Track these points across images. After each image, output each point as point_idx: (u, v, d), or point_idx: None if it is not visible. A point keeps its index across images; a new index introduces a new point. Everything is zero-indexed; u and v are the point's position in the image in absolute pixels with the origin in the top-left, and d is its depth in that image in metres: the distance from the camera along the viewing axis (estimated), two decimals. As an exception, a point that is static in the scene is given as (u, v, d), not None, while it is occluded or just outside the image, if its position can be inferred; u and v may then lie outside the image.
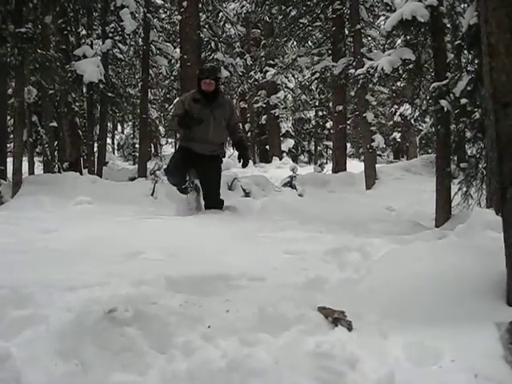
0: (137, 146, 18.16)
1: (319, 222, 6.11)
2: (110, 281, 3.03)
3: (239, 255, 4.07)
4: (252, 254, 4.12)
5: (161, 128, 26.40)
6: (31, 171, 13.34)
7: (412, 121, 15.94)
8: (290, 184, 9.79)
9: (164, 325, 2.44)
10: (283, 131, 23.74)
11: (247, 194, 8.76)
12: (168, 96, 23.29)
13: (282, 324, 2.39)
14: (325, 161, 23.05)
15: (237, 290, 3.16)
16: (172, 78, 20.61)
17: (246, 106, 23.21)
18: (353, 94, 14.56)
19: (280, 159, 20.96)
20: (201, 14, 13.42)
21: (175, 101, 7.73)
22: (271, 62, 20.73)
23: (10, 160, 11.09)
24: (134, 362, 2.25)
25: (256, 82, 21.22)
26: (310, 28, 15.75)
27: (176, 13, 12.92)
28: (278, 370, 1.97)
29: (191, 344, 2.33)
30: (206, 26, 14.54)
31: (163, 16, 17.50)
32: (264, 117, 21.92)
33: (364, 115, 12.28)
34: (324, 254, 4.00)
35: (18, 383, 2.09)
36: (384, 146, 18.78)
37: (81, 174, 11.99)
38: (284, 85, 21.80)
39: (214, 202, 6.59)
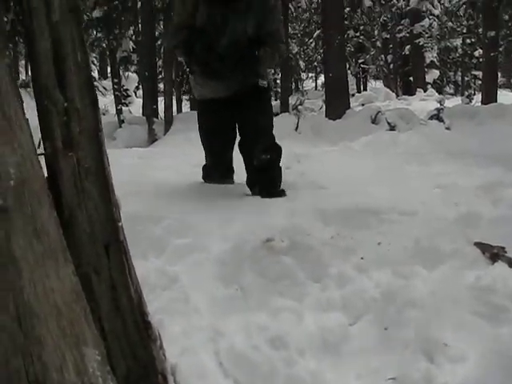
0: (278, 81, 18.24)
1: (468, 156, 5.85)
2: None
3: (387, 188, 4.04)
4: (400, 187, 4.07)
5: (301, 63, 26.29)
6: (179, 109, 13.94)
7: None
8: (436, 117, 9.41)
9: (318, 255, 2.52)
10: (428, 61, 22.63)
11: (392, 128, 8.56)
12: (307, 30, 23.02)
13: (437, 257, 2.38)
14: (472, 92, 21.78)
15: (387, 224, 3.15)
16: (312, 10, 20.28)
17: (388, 36, 22.36)
18: (507, 17, 13.50)
19: (424, 91, 20.10)
20: None
21: None
22: (415, -13, 19.67)
23: (160, 99, 11.69)
24: (290, 289, 2.36)
25: (398, 10, 20.30)
26: None
27: None
28: (436, 302, 1.98)
29: (344, 274, 2.40)
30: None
31: None
32: (407, 47, 20.99)
33: (519, 41, 11.37)
34: (476, 189, 3.86)
35: (187, 303, 2.28)
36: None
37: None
38: (429, 12, 20.62)
39: (263, 152, 3.86)
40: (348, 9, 18.77)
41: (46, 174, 1.53)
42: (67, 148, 1.53)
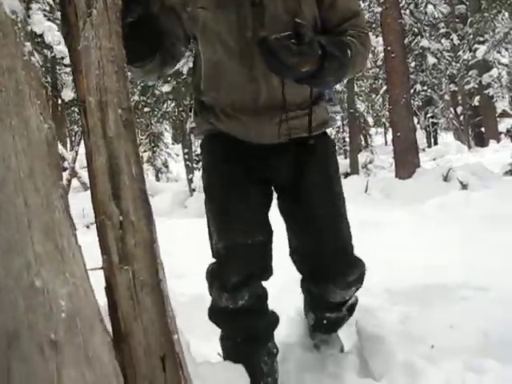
0: (346, 139, 18.28)
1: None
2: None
3: (460, 260, 3.91)
4: (474, 259, 3.92)
5: (369, 119, 26.31)
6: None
7: None
8: (511, 172, 9.12)
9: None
10: (499, 111, 22.20)
11: (464, 187, 8.33)
12: (374, 86, 23.10)
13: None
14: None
15: (459, 303, 3.04)
16: (376, 67, 20.41)
17: (456, 88, 22.12)
18: None
19: (498, 141, 19.63)
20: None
21: None
22: (480, 38, 19.48)
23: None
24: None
25: (465, 62, 20.10)
26: (524, -4, 14.50)
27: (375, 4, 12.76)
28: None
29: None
30: (407, 12, 14.12)
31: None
32: (477, 98, 20.69)
33: None
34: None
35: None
36: None
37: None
38: (497, 61, 20.33)
39: (342, 269, 2.11)
40: (413, 63, 18.79)
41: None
42: (123, 261, 1.56)
